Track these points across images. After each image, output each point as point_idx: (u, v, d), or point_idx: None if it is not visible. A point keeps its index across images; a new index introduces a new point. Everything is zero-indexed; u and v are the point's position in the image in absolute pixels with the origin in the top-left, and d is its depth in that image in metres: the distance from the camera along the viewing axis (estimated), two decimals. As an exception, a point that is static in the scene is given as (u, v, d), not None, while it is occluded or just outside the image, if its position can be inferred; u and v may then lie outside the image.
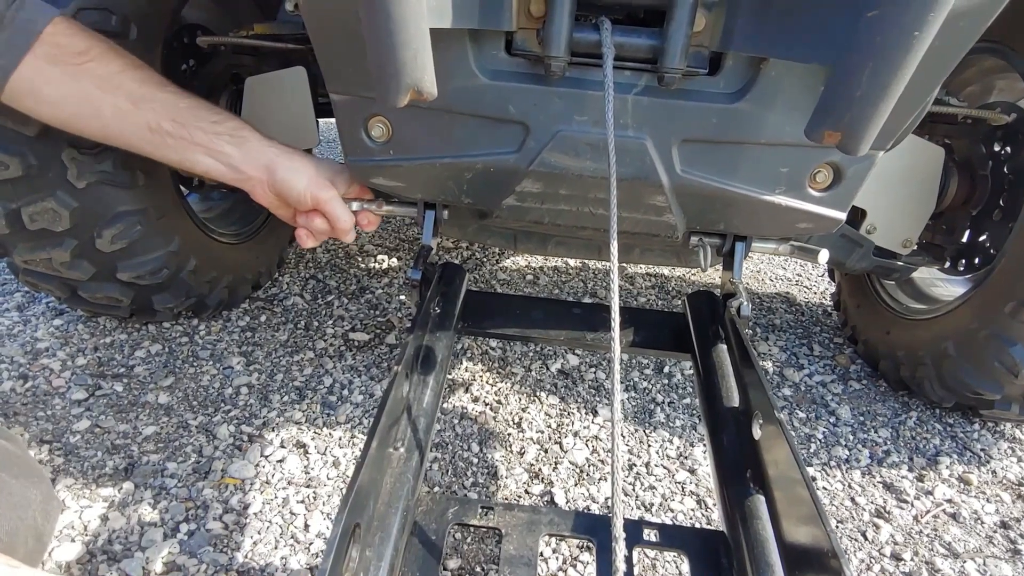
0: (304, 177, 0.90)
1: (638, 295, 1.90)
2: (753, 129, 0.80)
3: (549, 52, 0.74)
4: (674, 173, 0.84)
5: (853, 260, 1.31)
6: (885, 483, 1.19)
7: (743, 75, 0.78)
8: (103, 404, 1.23)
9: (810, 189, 0.86)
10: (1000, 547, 1.07)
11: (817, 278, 2.13)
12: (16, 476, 0.72)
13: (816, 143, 0.65)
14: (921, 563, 1.02)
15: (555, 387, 1.39)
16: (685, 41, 0.73)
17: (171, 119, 0.87)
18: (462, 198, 0.92)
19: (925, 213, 1.30)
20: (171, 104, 0.88)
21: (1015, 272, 1.13)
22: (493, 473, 1.13)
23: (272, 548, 0.96)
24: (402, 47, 0.60)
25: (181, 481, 1.06)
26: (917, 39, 0.55)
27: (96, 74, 0.84)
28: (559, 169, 0.83)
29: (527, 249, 1.20)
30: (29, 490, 0.72)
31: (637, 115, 0.80)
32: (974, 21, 0.65)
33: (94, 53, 0.84)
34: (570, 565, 0.95)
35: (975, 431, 1.36)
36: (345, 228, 0.94)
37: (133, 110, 0.85)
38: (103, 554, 0.93)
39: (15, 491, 0.70)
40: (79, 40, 0.84)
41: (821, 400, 1.43)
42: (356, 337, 1.52)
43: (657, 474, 1.16)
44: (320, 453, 1.15)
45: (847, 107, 0.60)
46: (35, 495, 0.72)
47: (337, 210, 0.93)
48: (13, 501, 0.69)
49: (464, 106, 0.82)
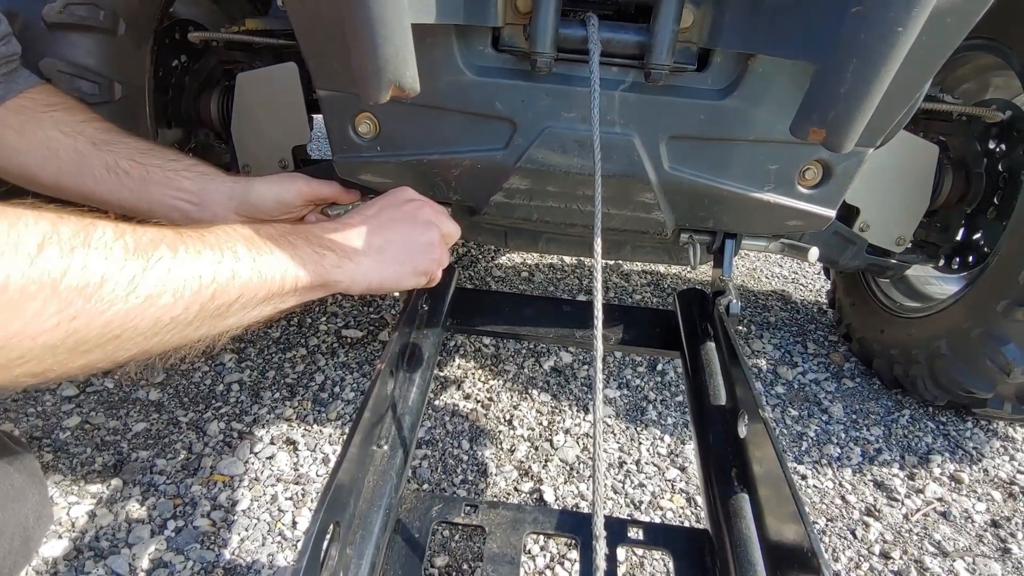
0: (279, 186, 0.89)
1: (633, 292, 1.89)
2: (741, 126, 0.80)
3: (535, 48, 0.74)
4: (662, 170, 0.83)
5: (846, 258, 1.30)
6: (876, 481, 1.19)
7: (731, 72, 0.78)
8: (93, 401, 1.23)
9: (799, 186, 0.86)
10: (990, 546, 1.07)
11: (813, 276, 2.13)
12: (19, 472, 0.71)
13: (801, 140, 0.65)
14: (910, 561, 1.02)
15: (547, 385, 1.39)
16: (672, 37, 0.72)
17: (129, 159, 0.85)
18: (450, 195, 0.92)
19: (919, 211, 1.30)
20: (132, 146, 0.86)
21: (1008, 270, 1.13)
22: (483, 471, 1.13)
23: (259, 545, 0.96)
24: (383, 43, 0.60)
25: (170, 478, 1.06)
26: (901, 36, 0.55)
27: (60, 120, 0.84)
28: (547, 166, 0.83)
29: (518, 246, 1.20)
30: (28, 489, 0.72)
31: (625, 111, 0.80)
32: (961, 18, 0.64)
33: (62, 106, 0.85)
34: (557, 563, 0.95)
35: (968, 429, 1.36)
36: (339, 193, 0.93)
37: (92, 151, 0.84)
38: (90, 550, 0.92)
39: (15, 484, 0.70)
40: (51, 96, 0.85)
41: (814, 398, 1.43)
42: (349, 334, 1.52)
43: (647, 472, 1.16)
44: (310, 450, 1.15)
45: (832, 104, 0.60)
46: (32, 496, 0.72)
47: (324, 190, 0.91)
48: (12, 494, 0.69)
49: (451, 102, 0.81)
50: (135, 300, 0.49)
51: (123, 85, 1.06)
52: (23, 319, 0.43)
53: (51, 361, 0.47)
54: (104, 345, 0.49)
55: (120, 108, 1.06)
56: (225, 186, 0.87)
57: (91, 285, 0.46)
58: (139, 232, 0.52)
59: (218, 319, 0.59)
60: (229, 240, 0.60)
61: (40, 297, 0.43)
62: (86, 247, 0.47)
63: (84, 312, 0.46)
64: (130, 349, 0.52)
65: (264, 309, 0.64)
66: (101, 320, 0.47)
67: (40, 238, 0.44)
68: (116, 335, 0.49)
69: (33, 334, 0.44)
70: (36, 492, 0.72)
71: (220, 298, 0.57)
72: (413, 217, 0.79)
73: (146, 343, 0.53)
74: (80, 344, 0.47)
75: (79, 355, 0.48)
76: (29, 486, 0.71)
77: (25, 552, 0.69)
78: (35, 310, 0.43)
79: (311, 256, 0.69)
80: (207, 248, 0.57)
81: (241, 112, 1.24)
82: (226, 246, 0.59)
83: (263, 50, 1.39)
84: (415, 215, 0.80)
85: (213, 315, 0.57)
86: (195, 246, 0.56)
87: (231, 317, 0.60)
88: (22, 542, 0.68)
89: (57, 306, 0.44)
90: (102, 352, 0.50)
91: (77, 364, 0.49)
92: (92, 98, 1.00)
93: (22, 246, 0.43)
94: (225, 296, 0.58)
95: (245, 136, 1.26)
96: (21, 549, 0.68)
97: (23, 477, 0.70)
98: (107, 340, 0.49)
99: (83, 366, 0.50)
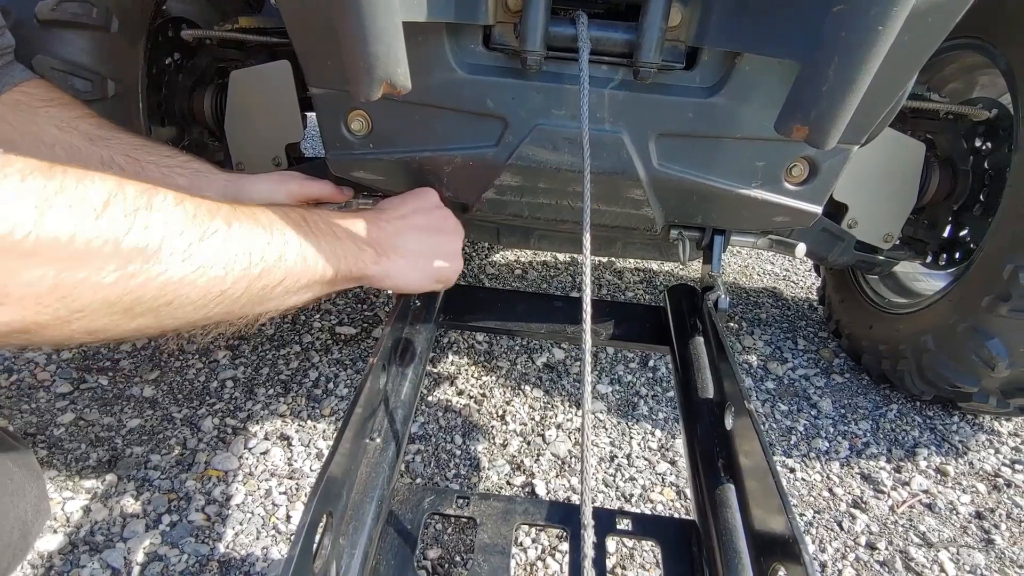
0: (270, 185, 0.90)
1: (626, 290, 1.91)
2: (729, 123, 0.81)
3: (526, 46, 0.75)
4: (651, 167, 0.84)
5: (835, 254, 1.32)
6: (863, 474, 1.21)
7: (718, 70, 0.79)
8: (88, 397, 1.23)
9: (786, 183, 0.87)
10: (974, 537, 1.09)
11: (805, 273, 2.15)
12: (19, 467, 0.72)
13: (785, 137, 0.66)
14: (895, 552, 1.03)
15: (540, 380, 1.40)
16: (660, 35, 0.73)
17: (124, 155, 0.86)
18: (442, 192, 0.93)
19: (906, 208, 1.32)
20: (126, 142, 0.87)
21: (992, 266, 1.15)
22: (475, 465, 1.14)
23: (254, 539, 0.96)
24: (374, 40, 0.61)
25: (164, 473, 1.07)
26: (882, 34, 0.56)
27: (56, 115, 0.85)
28: (537, 163, 0.84)
29: (510, 243, 1.21)
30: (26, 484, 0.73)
31: (614, 109, 0.81)
32: (942, 17, 0.66)
33: (58, 101, 0.86)
34: (548, 554, 0.96)
35: (954, 423, 1.38)
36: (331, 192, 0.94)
37: (88, 146, 0.85)
38: (85, 545, 0.93)
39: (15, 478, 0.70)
40: (47, 91, 0.86)
41: (803, 393, 1.45)
42: (343, 331, 1.53)
43: (638, 465, 1.17)
44: (304, 445, 1.16)
45: (814, 101, 0.61)
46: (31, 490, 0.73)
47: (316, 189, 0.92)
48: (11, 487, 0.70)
49: (443, 100, 0.82)
50: (190, 268, 0.51)
51: (116, 82, 1.07)
52: (87, 271, 0.44)
53: (106, 320, 0.48)
54: (157, 310, 0.51)
55: (113, 105, 1.07)
56: (218, 183, 0.88)
57: (151, 246, 0.48)
58: (197, 201, 0.54)
59: (262, 300, 0.61)
60: (279, 223, 0.62)
61: (104, 252, 0.45)
62: (148, 209, 0.49)
63: (142, 272, 0.48)
64: (179, 318, 0.54)
65: (304, 295, 0.67)
66: (157, 283, 0.49)
67: (106, 196, 0.46)
68: (168, 301, 0.51)
69: (94, 287, 0.45)
70: (34, 487, 0.73)
71: (266, 278, 0.59)
72: (442, 226, 0.83)
73: (194, 314, 0.55)
74: (135, 305, 0.49)
75: (132, 317, 0.50)
76: (27, 481, 0.72)
77: (23, 546, 0.69)
78: (98, 265, 0.45)
79: (352, 249, 0.71)
80: (259, 227, 0.60)
81: (235, 110, 1.25)
82: (276, 229, 0.61)
83: (257, 48, 1.40)
84: (443, 225, 0.84)
85: (258, 294, 0.60)
86: (248, 223, 0.58)
87: (273, 300, 0.63)
88: (20, 536, 0.69)
89: (118, 263, 0.46)
90: (154, 317, 0.52)
91: (130, 327, 0.51)
92: (85, 95, 1.01)
93: (89, 201, 0.45)
94: (270, 277, 0.60)
95: (239, 134, 1.27)
96: (19, 543, 0.69)
97: (21, 472, 0.71)
98: (160, 305, 0.51)
99: (135, 329, 0.52)
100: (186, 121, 1.38)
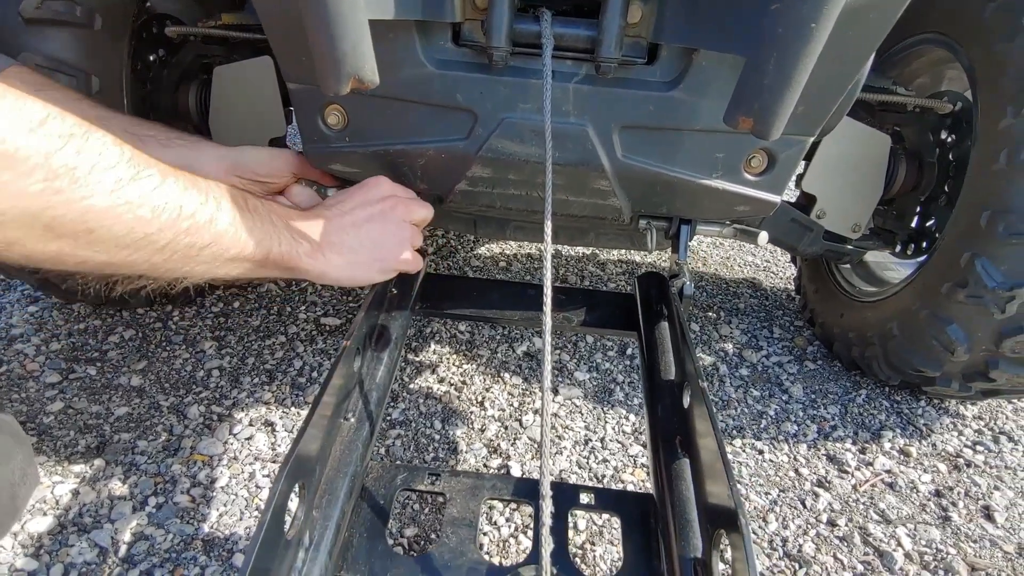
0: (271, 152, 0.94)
1: (608, 281, 1.94)
2: (688, 116, 0.84)
3: (491, 42, 0.78)
4: (616, 158, 0.88)
5: (804, 244, 1.36)
6: (829, 455, 1.25)
7: (677, 65, 0.82)
8: (76, 387, 1.26)
9: (746, 173, 0.91)
10: (932, 514, 1.13)
11: (784, 265, 2.19)
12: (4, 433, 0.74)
13: (733, 128, 0.70)
14: (854, 528, 1.08)
15: (520, 368, 1.44)
16: (619, 32, 0.77)
17: (123, 131, 0.88)
18: (417, 183, 0.96)
19: (873, 199, 1.36)
20: (124, 121, 0.90)
21: (952, 255, 1.19)
22: (453, 448, 1.18)
23: (237, 519, 1.00)
24: (341, 38, 0.64)
25: (151, 458, 1.10)
26: (815, 31, 0.60)
27: (54, 97, 0.86)
28: (506, 155, 0.87)
29: (486, 234, 1.24)
30: (13, 448, 0.75)
31: (579, 103, 0.84)
32: (881, 15, 0.69)
33: (51, 86, 0.87)
34: (520, 532, 1.00)
35: (920, 407, 1.42)
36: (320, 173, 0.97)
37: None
38: (73, 526, 0.96)
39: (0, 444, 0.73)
40: (39, 78, 0.87)
41: (776, 379, 1.49)
42: (327, 322, 1.56)
43: (611, 448, 1.21)
44: (288, 431, 1.19)
45: (757, 95, 0.65)
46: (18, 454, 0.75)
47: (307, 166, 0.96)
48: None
49: (414, 95, 0.86)
50: (116, 200, 0.53)
51: (100, 78, 1.09)
52: (12, 174, 0.46)
53: (24, 232, 0.50)
54: (77, 236, 0.53)
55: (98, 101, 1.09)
56: (217, 149, 0.92)
57: (80, 169, 0.50)
58: (138, 152, 0.57)
59: (187, 258, 0.63)
60: (218, 192, 0.65)
61: (32, 161, 0.47)
62: (84, 139, 0.51)
63: (67, 190, 0.50)
64: (99, 252, 0.56)
65: (232, 268, 0.69)
66: (81, 205, 0.51)
67: (45, 115, 0.49)
68: (91, 228, 0.53)
69: (17, 192, 0.47)
70: (20, 451, 0.75)
71: (193, 236, 0.62)
72: (386, 216, 0.86)
73: (117, 252, 0.57)
74: (56, 223, 0.51)
75: (52, 238, 0.52)
76: (13, 446, 0.74)
77: (12, 509, 0.72)
78: (24, 170, 0.47)
79: (288, 238, 0.74)
80: (195, 189, 0.62)
81: (219, 105, 1.27)
82: (212, 195, 0.64)
83: (240, 44, 1.42)
84: (388, 214, 0.86)
85: (184, 251, 0.62)
86: (185, 182, 0.61)
87: (199, 263, 0.65)
88: (9, 499, 0.71)
89: (44, 175, 0.48)
90: (73, 243, 0.53)
91: (48, 248, 0.53)
92: (70, 91, 1.03)
93: (27, 116, 0.48)
94: (198, 236, 0.62)
95: (223, 129, 1.29)
96: (8, 506, 0.71)
97: (5, 438, 0.73)
98: (81, 231, 0.53)
99: (54, 252, 0.54)
100: (170, 116, 1.40)
